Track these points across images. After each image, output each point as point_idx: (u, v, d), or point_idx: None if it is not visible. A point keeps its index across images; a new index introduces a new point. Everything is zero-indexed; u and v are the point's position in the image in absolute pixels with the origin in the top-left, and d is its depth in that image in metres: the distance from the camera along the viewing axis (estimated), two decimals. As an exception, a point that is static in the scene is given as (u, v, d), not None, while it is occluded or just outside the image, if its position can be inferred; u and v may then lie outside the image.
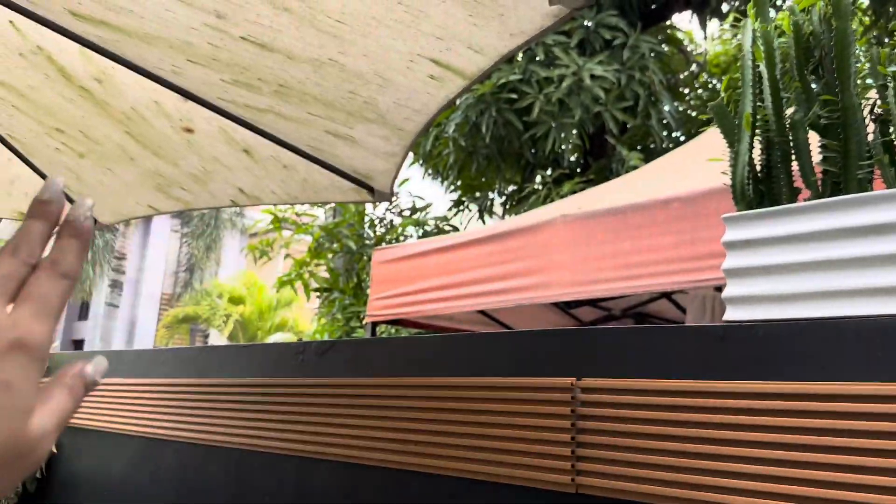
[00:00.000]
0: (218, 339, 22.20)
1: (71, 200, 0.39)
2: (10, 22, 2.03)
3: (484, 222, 7.98)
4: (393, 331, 6.17)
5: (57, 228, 0.41)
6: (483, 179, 7.57)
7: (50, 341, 0.37)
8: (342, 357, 2.33)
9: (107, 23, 1.89)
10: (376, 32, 1.58)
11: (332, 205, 7.81)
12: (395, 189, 5.64)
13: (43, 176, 2.96)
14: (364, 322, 4.95)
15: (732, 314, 1.44)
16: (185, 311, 21.17)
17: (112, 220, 3.34)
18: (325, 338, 6.93)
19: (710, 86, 7.58)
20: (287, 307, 20.84)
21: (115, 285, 20.72)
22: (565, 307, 5.23)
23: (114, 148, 2.64)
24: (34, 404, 0.36)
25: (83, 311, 24.15)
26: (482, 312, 4.94)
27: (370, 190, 2.66)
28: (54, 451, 3.18)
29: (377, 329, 4.62)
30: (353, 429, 1.98)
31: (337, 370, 2.30)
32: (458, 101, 5.97)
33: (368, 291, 4.93)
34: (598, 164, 6.30)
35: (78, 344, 24.35)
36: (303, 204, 3.33)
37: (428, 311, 4.08)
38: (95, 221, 2.84)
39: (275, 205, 3.00)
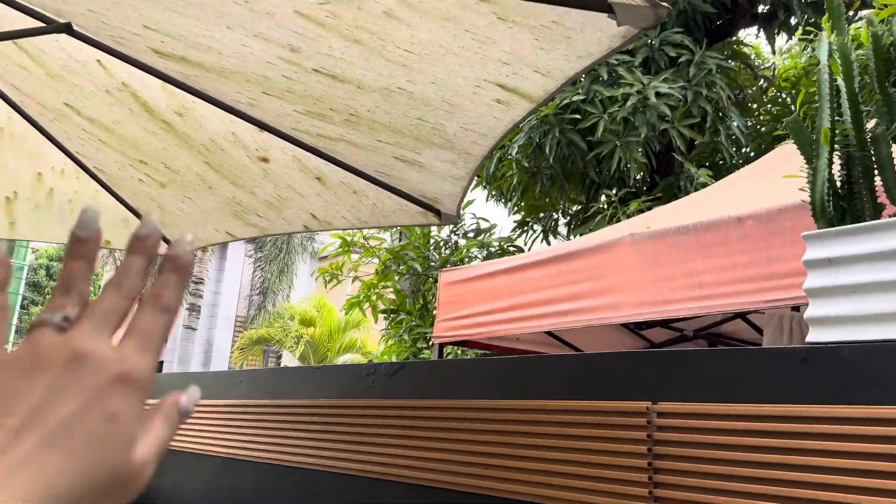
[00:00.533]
0: (290, 360, 22.68)
1: (167, 241, 0.40)
2: (98, 61, 2.17)
3: (549, 243, 7.92)
4: (459, 352, 6.17)
5: (158, 263, 0.42)
6: (547, 200, 7.53)
7: (153, 374, 0.38)
8: (412, 379, 2.35)
9: (187, 59, 1.99)
10: (444, 60, 1.61)
11: (399, 228, 7.92)
12: (461, 211, 5.65)
13: (127, 206, 3.13)
14: (431, 343, 4.98)
15: (815, 335, 1.39)
16: (259, 333, 21.74)
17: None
18: (393, 359, 6.99)
19: (779, 100, 7.35)
20: (356, 328, 21.14)
21: (193, 309, 21.46)
22: (636, 328, 5.12)
23: (194, 178, 2.76)
24: (138, 435, 0.37)
25: (162, 334, 25.10)
26: (549, 333, 4.89)
27: (437, 213, 2.69)
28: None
29: (444, 350, 4.63)
30: (423, 450, 1.99)
31: (406, 391, 2.32)
32: (521, 123, 5.98)
33: (435, 313, 4.95)
34: (665, 182, 6.18)
35: (158, 365, 25.28)
36: (372, 228, 3.39)
37: (495, 333, 4.07)
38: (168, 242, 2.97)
39: (345, 229, 3.07)
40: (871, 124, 1.31)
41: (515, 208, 8.03)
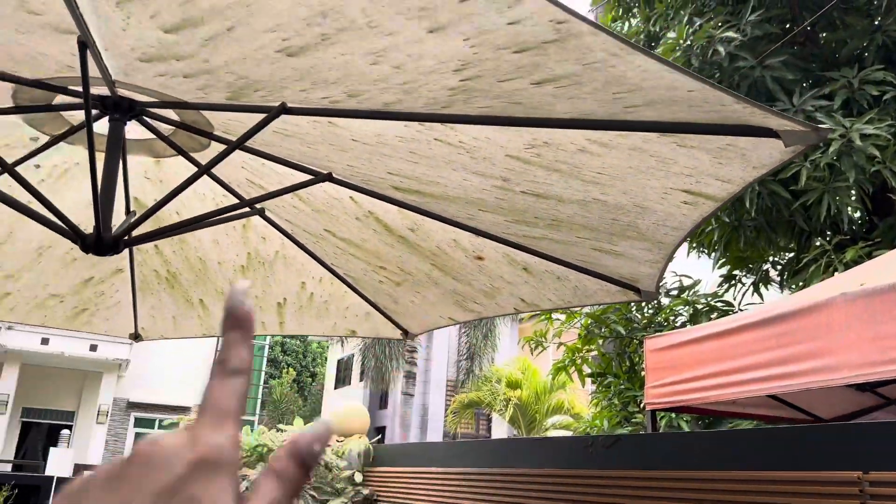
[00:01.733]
0: (500, 423, 23.11)
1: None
2: (350, 197, 2.74)
3: (761, 296, 7.60)
4: (673, 416, 6.11)
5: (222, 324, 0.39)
6: (753, 251, 7.28)
7: (234, 445, 0.36)
8: (627, 450, 2.57)
9: (420, 191, 2.47)
10: (632, 177, 1.90)
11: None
12: (659, 287, 5.86)
13: (369, 301, 3.71)
14: (643, 408, 5.04)
15: None
16: (469, 396, 22.46)
17: (419, 330, 3.99)
18: (605, 423, 7.05)
19: None
20: (562, 389, 21.09)
21: (409, 376, 22.87)
22: (866, 386, 4.80)
23: (423, 276, 3.26)
24: None
25: (383, 401, 26.91)
26: (772, 395, 4.76)
27: (636, 291, 2.92)
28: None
29: (656, 415, 4.69)
30: (645, 517, 2.19)
31: (622, 462, 2.54)
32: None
33: (643, 375, 5.03)
34: (885, 224, 5.76)
35: (380, 431, 27.07)
36: (575, 307, 3.62)
37: (708, 399, 4.09)
38: (406, 333, 3.47)
39: (551, 310, 3.39)
40: None
41: (721, 261, 7.84)
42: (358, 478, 4.94)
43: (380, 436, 26.69)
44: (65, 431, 15.37)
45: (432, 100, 1.67)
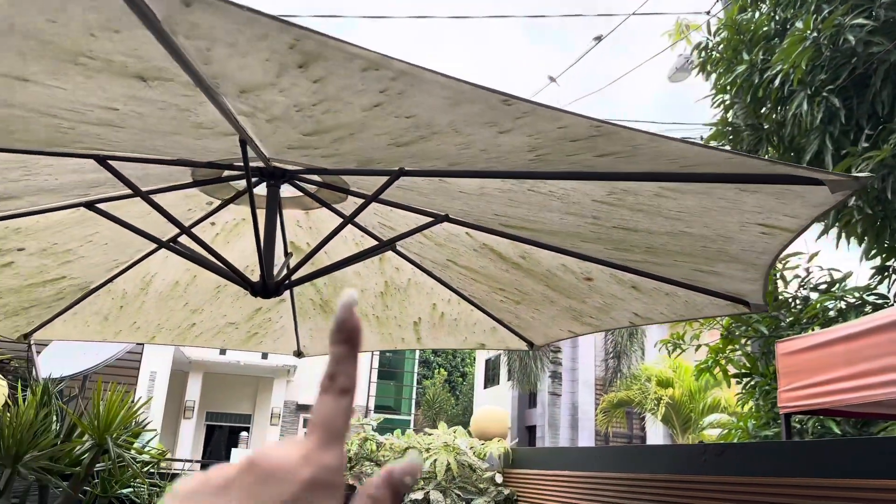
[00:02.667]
0: (653, 422, 22.61)
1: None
2: (466, 233, 3.10)
3: (920, 286, 7.10)
4: (810, 420, 5.92)
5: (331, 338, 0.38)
6: (907, 242, 6.83)
7: (341, 465, 0.35)
8: (736, 458, 2.74)
9: (525, 227, 2.78)
10: (709, 214, 2.10)
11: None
12: (806, 265, 5.71)
13: (493, 318, 4.05)
14: (780, 412, 5.00)
15: None
16: (619, 395, 22.17)
17: (543, 342, 4.28)
18: (750, 424, 6.91)
19: None
20: (718, 387, 20.28)
21: (555, 376, 23.03)
22: None
23: (539, 296, 3.55)
24: None
25: (532, 401, 27.19)
26: (917, 396, 4.56)
27: (746, 304, 3.04)
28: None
29: (790, 419, 4.66)
30: (745, 521, 2.36)
31: (731, 469, 2.71)
32: (853, 171, 5.73)
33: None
34: None
35: (531, 430, 27.36)
36: (689, 320, 3.70)
37: (844, 401, 4.05)
38: (532, 344, 3.81)
39: (665, 322, 3.54)
40: None
41: (873, 251, 7.41)
42: (498, 478, 5.29)
43: (529, 435, 26.94)
44: (244, 433, 17.04)
45: (518, 165, 1.98)
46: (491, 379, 31.06)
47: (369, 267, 3.71)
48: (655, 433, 23.41)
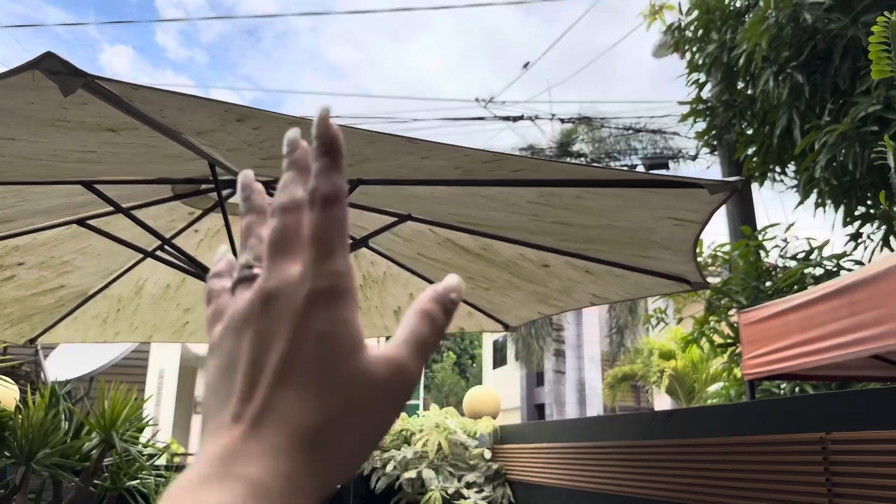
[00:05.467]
0: (658, 394, 22.91)
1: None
2: (430, 229, 3.36)
3: (892, 249, 7.34)
4: (787, 385, 6.20)
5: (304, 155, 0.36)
6: (876, 207, 7.06)
7: (345, 271, 0.33)
8: (680, 422, 3.02)
9: (479, 224, 3.05)
10: (626, 211, 2.37)
11: (723, 262, 8.11)
12: (783, 235, 6.00)
13: (469, 303, 4.32)
14: (743, 380, 5.27)
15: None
16: (623, 370, 22.44)
17: (516, 323, 4.56)
18: (731, 393, 7.18)
19: None
20: (722, 357, 20.52)
21: (559, 353, 23.32)
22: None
23: (504, 283, 3.82)
24: (358, 339, 0.32)
25: (539, 379, 27.52)
26: (876, 357, 4.83)
27: (687, 282, 3.30)
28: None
29: (754, 385, 4.93)
30: (672, 477, 2.65)
31: (677, 433, 3.00)
32: (816, 145, 5.96)
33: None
34: None
35: (539, 408, 27.74)
36: (641, 298, 3.91)
37: (799, 365, 4.32)
38: (507, 326, 4.10)
39: (620, 301, 3.81)
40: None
41: (846, 220, 7.64)
42: (487, 454, 5.59)
43: (538, 413, 27.28)
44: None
45: (450, 178, 2.25)
46: (499, 360, 31.40)
47: (346, 263, 3.98)
48: (662, 404, 23.74)
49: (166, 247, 3.26)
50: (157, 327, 4.32)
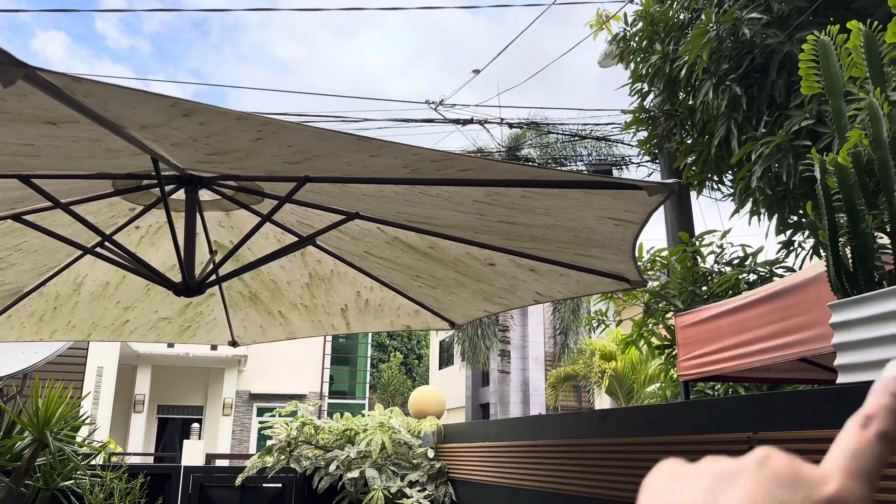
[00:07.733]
0: (598, 394, 23.38)
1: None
2: (378, 227, 3.38)
3: (821, 257, 7.69)
4: (721, 387, 6.43)
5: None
6: (807, 216, 7.39)
7: (866, 499, 0.33)
8: (617, 422, 3.12)
9: (426, 223, 3.08)
10: (568, 212, 2.44)
11: (661, 267, 8.35)
12: (719, 241, 6.21)
13: (415, 301, 4.35)
14: (678, 380, 5.45)
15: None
16: (566, 370, 22.85)
17: (463, 321, 4.62)
18: (668, 394, 7.41)
19: None
20: (660, 358, 21.06)
21: (504, 354, 23.57)
22: None
23: (451, 281, 3.87)
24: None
25: (485, 379, 27.78)
26: (804, 360, 5.07)
27: (627, 280, 3.41)
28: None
29: (689, 386, 5.11)
30: (619, 475, 2.74)
31: (613, 432, 3.09)
32: (752, 156, 6.22)
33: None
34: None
35: (484, 407, 28.01)
36: (583, 296, 4.00)
37: (731, 367, 4.50)
38: (453, 324, 4.14)
39: (564, 298, 3.92)
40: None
41: (779, 229, 7.98)
42: (430, 453, 5.63)
43: (482, 412, 27.51)
44: (195, 425, 17.07)
45: (398, 176, 2.28)
46: (445, 360, 31.53)
47: (293, 261, 3.96)
48: (602, 404, 24.25)
49: (106, 243, 3.19)
50: (96, 325, 4.21)
